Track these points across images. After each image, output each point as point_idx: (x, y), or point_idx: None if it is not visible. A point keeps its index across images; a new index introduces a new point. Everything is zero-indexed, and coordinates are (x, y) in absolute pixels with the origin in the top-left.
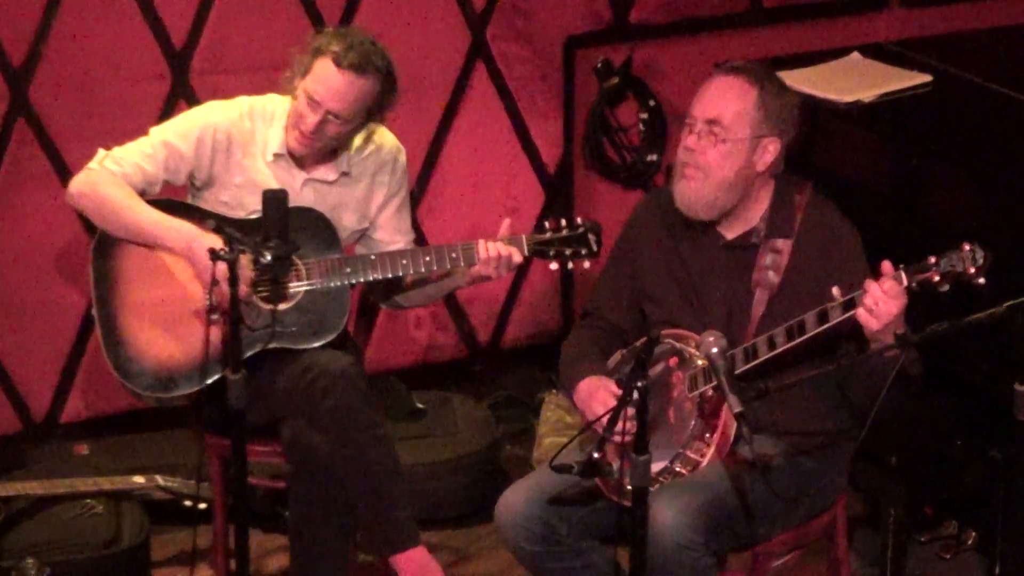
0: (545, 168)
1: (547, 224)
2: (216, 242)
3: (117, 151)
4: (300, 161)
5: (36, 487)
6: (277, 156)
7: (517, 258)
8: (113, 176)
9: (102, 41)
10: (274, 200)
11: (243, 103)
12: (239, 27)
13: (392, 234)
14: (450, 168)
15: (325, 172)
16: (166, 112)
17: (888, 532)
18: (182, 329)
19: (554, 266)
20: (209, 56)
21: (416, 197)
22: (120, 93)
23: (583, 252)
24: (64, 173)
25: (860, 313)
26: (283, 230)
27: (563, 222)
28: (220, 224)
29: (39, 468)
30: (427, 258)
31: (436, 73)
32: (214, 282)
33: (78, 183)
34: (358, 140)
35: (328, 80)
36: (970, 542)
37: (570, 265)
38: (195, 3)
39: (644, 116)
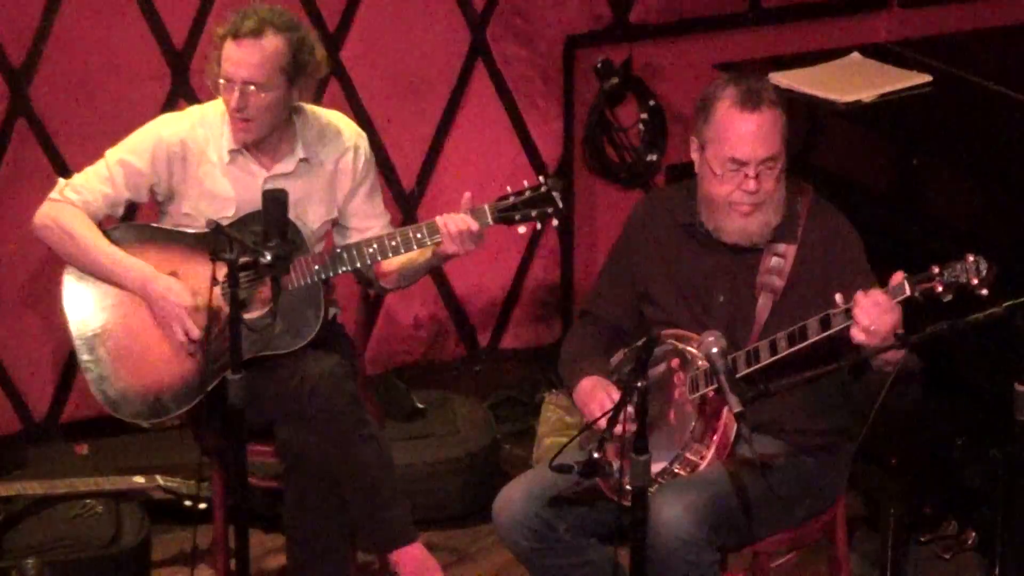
0: (545, 168)
1: (508, 188)
2: (171, 284)
3: (77, 179)
4: (258, 158)
5: (36, 487)
6: (233, 153)
7: (473, 226)
8: (74, 208)
9: (102, 41)
10: (274, 200)
11: (194, 112)
12: None
13: (365, 220)
14: (450, 168)
15: (284, 165)
16: (166, 112)
17: (888, 532)
18: (162, 353)
19: (522, 230)
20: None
21: (416, 197)
22: (120, 93)
23: (549, 211)
24: (64, 173)
25: (855, 334)
26: (283, 230)
27: (525, 183)
28: (218, 225)
29: (39, 468)
30: (393, 243)
31: (436, 73)
32: (215, 282)
33: (42, 215)
34: (317, 124)
35: (231, 55)
36: (970, 542)
37: (539, 226)
38: (195, 3)
39: (644, 116)
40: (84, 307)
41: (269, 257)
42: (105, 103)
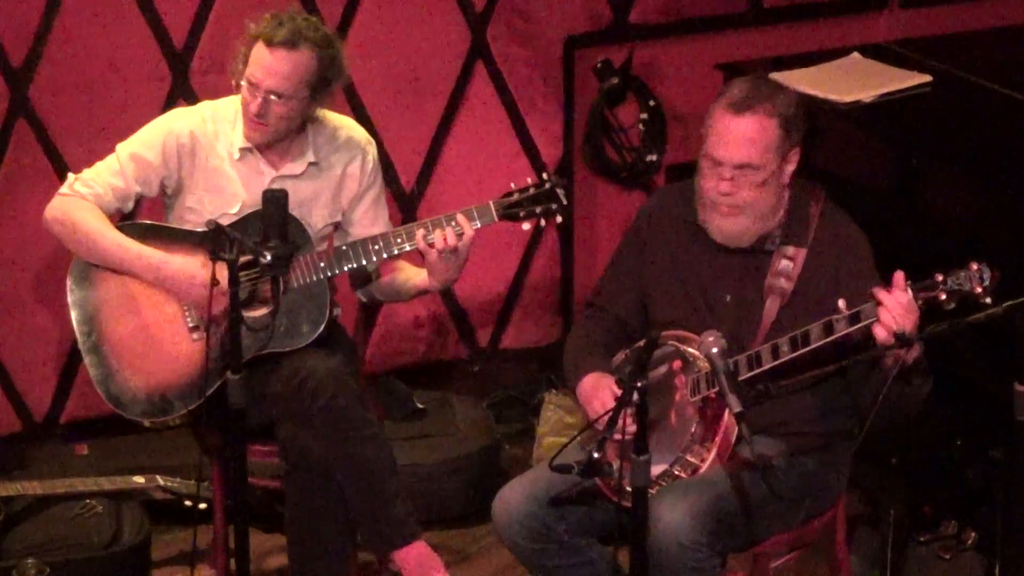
0: (545, 168)
1: (512, 185)
2: (185, 263)
3: (87, 173)
4: (268, 157)
5: (36, 487)
6: (243, 151)
7: (468, 232)
8: (84, 201)
9: (102, 41)
10: (274, 200)
11: (205, 108)
12: (239, 27)
13: (368, 228)
14: (450, 168)
15: (293, 166)
16: (166, 112)
17: (888, 532)
18: (168, 350)
19: (526, 226)
20: (209, 56)
21: (416, 197)
22: (120, 93)
23: (553, 207)
24: (64, 173)
25: (879, 333)
26: (283, 230)
27: (528, 180)
28: (218, 225)
29: (39, 468)
30: (399, 239)
31: (436, 73)
32: (214, 281)
33: (52, 210)
34: (328, 129)
35: (262, 60)
36: (970, 542)
37: (543, 223)
38: (195, 3)
39: (644, 116)
40: (89, 305)
41: (269, 257)
42: (105, 103)
